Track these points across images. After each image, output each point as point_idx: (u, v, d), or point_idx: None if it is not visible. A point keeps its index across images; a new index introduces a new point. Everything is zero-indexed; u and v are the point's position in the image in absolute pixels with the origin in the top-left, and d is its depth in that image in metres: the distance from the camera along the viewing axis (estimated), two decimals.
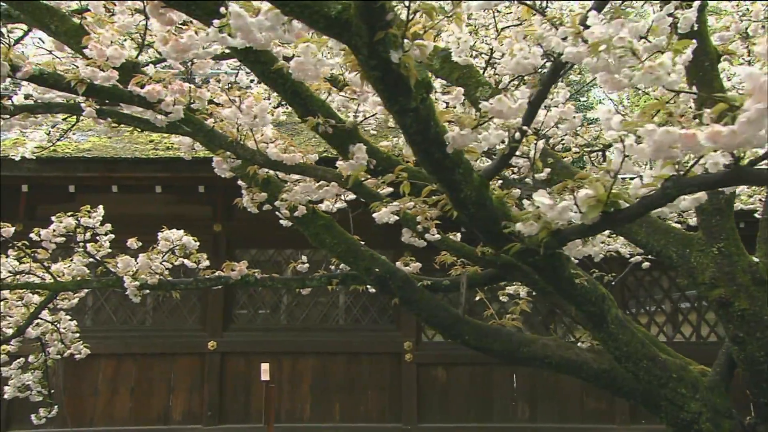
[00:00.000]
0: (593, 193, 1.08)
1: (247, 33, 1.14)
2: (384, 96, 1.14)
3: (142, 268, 2.77)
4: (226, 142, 2.15)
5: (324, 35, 1.07)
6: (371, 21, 0.98)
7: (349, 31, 1.01)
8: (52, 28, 2.33)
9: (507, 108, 1.21)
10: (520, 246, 1.41)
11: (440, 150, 1.27)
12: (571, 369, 2.59)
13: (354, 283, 2.84)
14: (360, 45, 1.02)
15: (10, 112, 2.48)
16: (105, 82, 2.01)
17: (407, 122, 1.18)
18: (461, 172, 1.36)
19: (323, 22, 1.02)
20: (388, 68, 1.06)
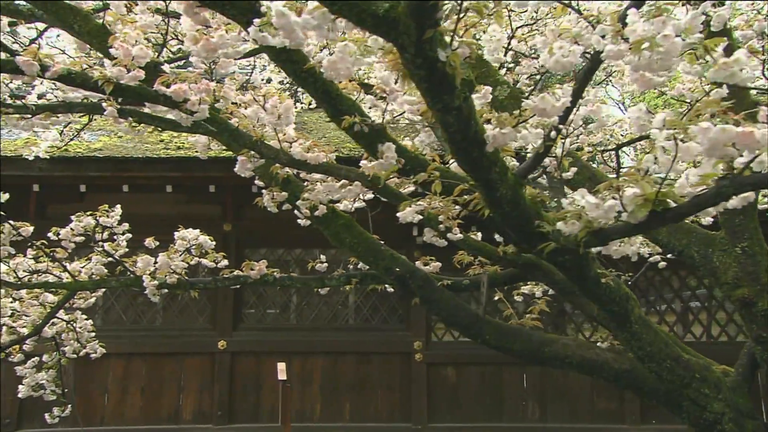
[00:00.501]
0: (641, 191, 1.08)
1: (289, 32, 1.14)
2: (427, 94, 1.14)
3: (161, 268, 2.78)
4: (250, 142, 2.15)
5: (370, 34, 1.07)
6: (421, 19, 0.98)
7: (396, 30, 1.01)
8: (75, 28, 2.33)
9: (551, 106, 1.21)
10: (554, 245, 1.41)
11: (479, 149, 1.27)
12: (592, 369, 2.58)
13: (373, 283, 2.84)
14: (407, 43, 1.02)
15: (32, 112, 2.49)
16: (131, 82, 2.02)
17: (449, 121, 1.18)
18: (498, 171, 1.36)
19: (371, 20, 1.02)
20: (434, 67, 1.06)
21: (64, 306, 3.27)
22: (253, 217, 6.28)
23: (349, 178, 2.32)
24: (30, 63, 1.82)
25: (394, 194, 2.35)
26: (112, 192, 5.77)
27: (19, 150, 5.33)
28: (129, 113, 2.53)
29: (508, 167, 1.40)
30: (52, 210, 6.07)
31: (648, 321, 2.32)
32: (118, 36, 2.04)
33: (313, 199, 2.40)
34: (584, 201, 1.15)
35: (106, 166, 5.27)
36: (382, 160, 1.72)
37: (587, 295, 2.11)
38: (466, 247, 2.48)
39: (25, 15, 2.36)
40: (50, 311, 3.20)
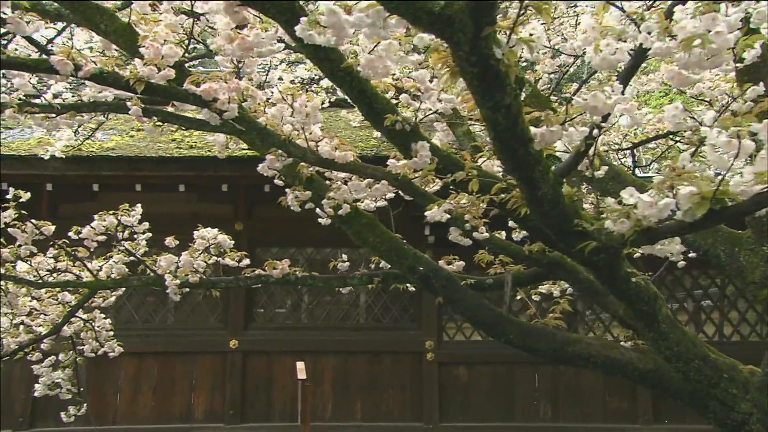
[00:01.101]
0: (697, 190, 1.07)
1: (339, 30, 1.14)
2: (479, 92, 1.13)
3: (184, 267, 2.78)
4: (279, 141, 2.15)
5: (424, 31, 1.07)
6: (479, 17, 0.97)
7: (451, 27, 1.01)
8: (101, 27, 2.33)
9: (603, 104, 1.20)
10: (594, 244, 1.41)
11: (524, 147, 1.26)
12: (616, 368, 2.57)
13: (395, 282, 2.84)
14: (462, 41, 1.02)
15: (57, 111, 2.49)
16: (161, 81, 2.02)
17: (498, 119, 1.18)
18: (541, 170, 1.35)
19: (426, 18, 1.02)
20: (487, 64, 1.06)
21: (82, 305, 3.27)
22: (264, 216, 6.29)
23: (375, 177, 2.32)
24: (64, 62, 1.82)
25: (421, 193, 2.34)
26: (124, 191, 5.77)
27: (33, 149, 5.34)
28: (153, 112, 2.53)
29: (550, 166, 1.40)
30: (64, 209, 6.08)
31: (675, 320, 2.31)
32: (148, 35, 2.04)
33: (339, 198, 2.40)
34: (636, 199, 1.14)
35: (119, 166, 5.28)
36: (416, 158, 1.72)
37: (616, 294, 2.10)
38: (491, 246, 2.47)
39: (51, 15, 2.36)
40: (70, 310, 3.20)
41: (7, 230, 2.91)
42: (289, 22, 1.51)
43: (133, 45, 2.39)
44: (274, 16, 1.47)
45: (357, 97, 1.64)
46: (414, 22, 1.05)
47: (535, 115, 1.25)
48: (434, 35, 1.07)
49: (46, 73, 1.95)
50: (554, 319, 2.75)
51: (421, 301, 6.04)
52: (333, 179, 2.70)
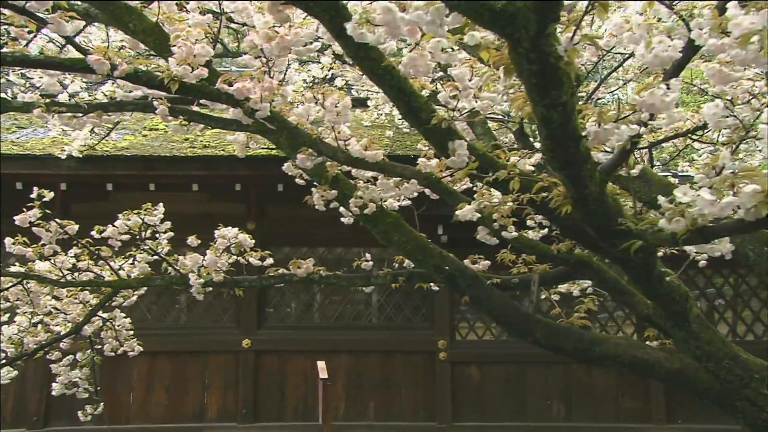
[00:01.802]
0: (761, 188, 1.07)
1: (393, 28, 1.13)
2: (535, 90, 1.13)
3: (209, 266, 2.78)
4: (310, 140, 2.15)
5: (486, 28, 1.06)
6: (544, 14, 0.97)
7: (513, 24, 1.01)
8: (130, 27, 2.33)
9: (660, 101, 1.20)
10: (640, 243, 1.40)
11: (575, 145, 1.26)
12: (643, 368, 2.57)
13: (420, 281, 2.84)
14: (523, 38, 1.02)
15: (84, 111, 2.49)
16: (194, 80, 2.02)
17: (553, 117, 1.17)
18: (588, 168, 1.35)
19: (488, 15, 1.01)
20: (547, 61, 1.05)
21: (105, 304, 3.28)
22: (276, 215, 6.29)
23: (404, 176, 2.31)
24: (101, 62, 1.82)
25: (449, 192, 2.34)
26: (136, 190, 5.77)
27: (47, 149, 5.35)
28: (180, 112, 2.53)
29: (596, 164, 1.39)
30: (76, 209, 6.08)
31: (705, 320, 2.30)
32: (181, 34, 2.04)
33: (367, 197, 2.40)
34: (692, 197, 1.14)
35: (134, 165, 5.29)
36: (454, 157, 1.71)
37: (648, 294, 2.10)
38: (519, 246, 2.47)
39: (80, 14, 2.36)
40: (92, 309, 3.21)
41: (32, 229, 2.91)
42: (332, 20, 1.51)
43: (161, 44, 2.39)
44: (317, 14, 1.47)
45: (396, 96, 1.64)
46: (475, 19, 1.04)
47: (585, 113, 1.25)
48: (494, 32, 1.06)
49: (83, 72, 1.95)
50: (579, 319, 2.75)
51: (433, 301, 6.03)
52: (357, 178, 2.70)
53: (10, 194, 5.51)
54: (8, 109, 2.48)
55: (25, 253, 3.03)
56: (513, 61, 1.09)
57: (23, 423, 5.61)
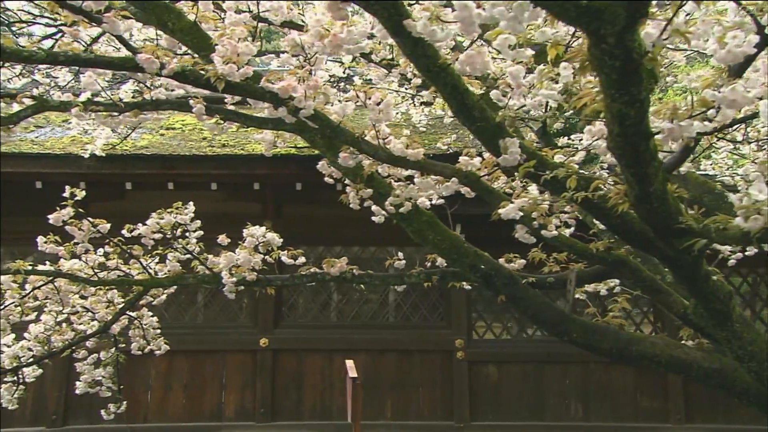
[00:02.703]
0: None
1: (468, 25, 1.13)
2: (614, 86, 1.12)
3: (243, 265, 2.78)
4: (351, 138, 2.14)
5: (569, 24, 1.06)
6: (634, 10, 0.96)
7: (599, 20, 1.00)
8: (169, 26, 2.33)
9: (741, 97, 1.19)
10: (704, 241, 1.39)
11: (646, 143, 1.25)
12: (681, 368, 2.55)
13: (453, 280, 2.83)
14: (608, 33, 1.01)
15: (121, 110, 2.49)
16: (239, 78, 2.01)
17: (630, 113, 1.16)
18: (655, 166, 1.34)
19: (574, 10, 1.01)
20: (630, 58, 1.05)
21: (135, 303, 3.28)
22: (292, 214, 6.29)
23: (444, 174, 2.31)
24: (151, 60, 1.82)
25: (489, 191, 2.33)
26: (154, 189, 5.79)
27: (67, 148, 5.37)
28: (216, 111, 2.53)
29: (661, 162, 1.38)
30: (93, 207, 6.07)
31: (748, 320, 2.29)
32: (225, 32, 2.04)
33: (405, 196, 2.39)
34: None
35: (153, 164, 5.30)
36: (506, 155, 1.70)
37: (693, 292, 2.09)
38: (558, 244, 2.46)
39: None
40: (122, 307, 3.21)
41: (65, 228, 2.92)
42: (391, 18, 1.51)
43: (200, 43, 2.39)
44: (377, 12, 1.47)
45: (449, 93, 1.63)
46: (560, 15, 1.04)
47: (658, 110, 1.24)
48: (577, 28, 1.05)
49: (132, 71, 1.95)
50: (613, 318, 2.74)
51: (450, 300, 6.03)
52: (391, 177, 2.70)
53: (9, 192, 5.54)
54: (45, 109, 2.48)
55: (28, 251, 3.03)
56: (593, 57, 1.08)
57: (42, 421, 5.63)
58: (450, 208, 2.84)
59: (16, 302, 3.13)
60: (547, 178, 1.64)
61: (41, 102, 2.47)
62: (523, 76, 1.61)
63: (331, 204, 6.14)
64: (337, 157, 2.54)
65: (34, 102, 2.45)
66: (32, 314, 3.54)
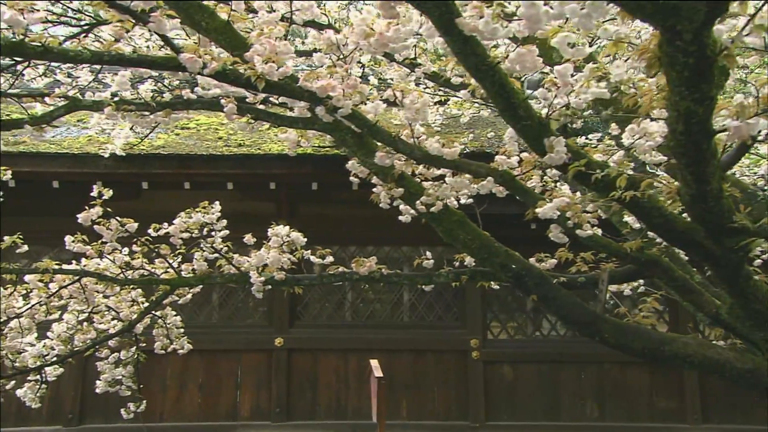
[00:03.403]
0: None
1: (535, 22, 1.12)
2: (685, 84, 1.11)
3: (272, 264, 2.78)
4: (388, 138, 2.14)
5: (645, 21, 1.05)
6: (715, 5, 0.95)
7: (677, 16, 0.99)
8: (202, 25, 2.32)
9: None
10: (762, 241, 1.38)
11: (708, 141, 1.25)
12: (714, 368, 2.54)
13: (482, 280, 2.82)
14: (685, 30, 1.00)
15: (152, 109, 2.49)
16: (279, 78, 2.01)
17: (699, 111, 1.16)
18: (714, 164, 1.33)
19: (651, 7, 1.00)
20: (705, 55, 1.04)
21: (161, 302, 3.28)
22: (307, 214, 6.29)
23: (479, 173, 2.30)
24: (194, 60, 1.82)
25: (524, 190, 2.33)
26: (170, 189, 5.80)
27: (84, 148, 5.38)
28: (247, 110, 2.53)
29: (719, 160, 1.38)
30: (108, 206, 6.11)
31: None
32: (264, 31, 2.04)
33: (439, 195, 2.39)
34: None
35: (170, 164, 5.30)
36: (552, 154, 1.70)
37: (733, 293, 2.07)
38: (592, 244, 2.45)
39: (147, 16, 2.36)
40: (147, 306, 3.22)
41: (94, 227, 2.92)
42: (442, 17, 1.50)
43: (233, 42, 2.39)
44: (428, 10, 1.46)
45: (497, 92, 1.63)
46: (635, 12, 1.03)
47: (722, 106, 1.23)
48: (652, 25, 1.05)
49: (174, 70, 1.95)
50: (644, 318, 2.73)
51: (465, 300, 6.02)
52: (419, 176, 2.69)
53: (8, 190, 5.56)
54: (78, 108, 2.48)
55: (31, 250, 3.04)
56: (664, 54, 1.07)
57: (59, 420, 5.65)
58: (478, 207, 2.84)
59: (42, 301, 3.13)
60: (598, 177, 1.63)
61: (74, 101, 2.47)
62: (570, 74, 1.60)
63: (346, 204, 6.20)
64: (368, 156, 2.54)
65: (66, 102, 2.46)
66: (56, 313, 3.56)
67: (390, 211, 5.72)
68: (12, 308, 3.19)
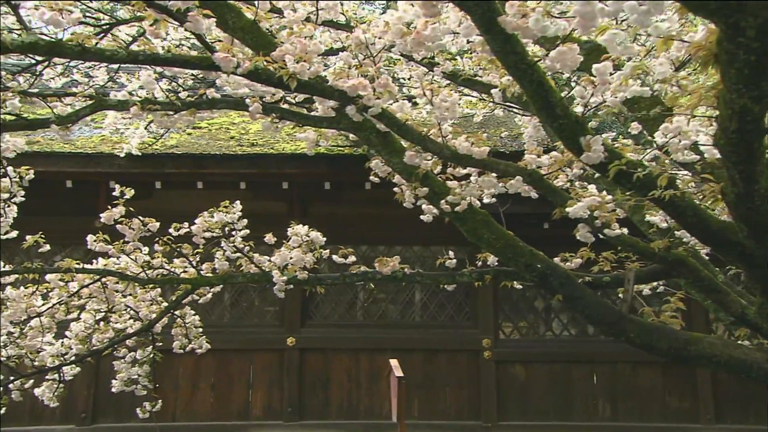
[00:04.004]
0: None
1: (588, 20, 1.11)
2: (744, 81, 1.10)
3: (295, 264, 2.78)
4: (418, 137, 2.13)
5: (706, 18, 1.04)
6: None
7: (741, 12, 0.98)
8: (229, 24, 2.32)
9: None
10: None
11: (760, 140, 1.24)
12: (740, 368, 2.53)
13: (506, 279, 2.81)
14: (748, 26, 0.99)
15: (178, 109, 2.49)
16: (311, 77, 2.01)
17: (754, 109, 1.15)
18: (765, 163, 1.33)
19: (714, 4, 0.99)
20: (766, 51, 1.03)
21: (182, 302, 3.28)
22: (318, 213, 6.29)
23: (507, 173, 2.30)
24: (228, 59, 1.81)
25: (553, 190, 2.32)
26: (183, 189, 5.81)
27: (97, 147, 5.39)
28: (272, 110, 2.53)
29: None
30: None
31: None
32: (295, 30, 2.04)
33: (466, 194, 2.38)
34: None
35: (184, 163, 5.30)
36: (589, 153, 1.69)
37: (766, 292, 2.06)
38: (620, 244, 2.44)
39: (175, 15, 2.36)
40: (168, 306, 3.22)
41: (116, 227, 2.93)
42: (484, 15, 1.50)
43: (259, 41, 2.38)
44: (470, 9, 1.46)
45: (534, 90, 1.62)
46: (695, 9, 1.02)
47: None
48: (713, 21, 1.04)
49: (207, 69, 1.94)
50: (670, 318, 2.72)
51: (476, 299, 6.02)
52: (443, 176, 2.69)
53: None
54: (103, 108, 2.48)
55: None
56: (724, 51, 1.07)
57: (72, 420, 5.66)
58: (501, 207, 2.83)
59: (64, 300, 3.14)
60: (640, 176, 1.63)
61: (99, 101, 2.47)
62: (610, 72, 1.60)
63: (357, 204, 6.20)
64: (393, 156, 2.53)
65: (92, 101, 2.46)
66: (75, 312, 3.56)
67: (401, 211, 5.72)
68: (33, 307, 3.19)
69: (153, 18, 1.74)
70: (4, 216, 2.89)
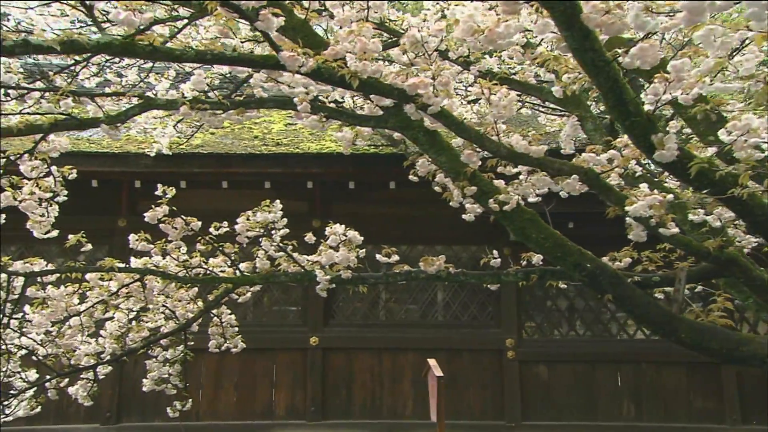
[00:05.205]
0: None
1: (697, 14, 1.10)
2: None
3: (342, 262, 2.77)
4: (476, 135, 2.12)
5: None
6: None
7: None
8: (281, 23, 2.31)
9: None
10: None
11: None
12: None
13: (552, 279, 2.80)
14: None
15: (226, 108, 2.49)
16: (367, 75, 2.00)
17: None
18: None
19: None
20: None
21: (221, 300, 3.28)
22: (341, 213, 6.28)
23: (563, 172, 2.28)
24: (294, 58, 1.81)
25: (608, 189, 2.30)
26: (207, 188, 5.82)
27: (123, 147, 5.39)
28: (320, 109, 2.52)
29: None
30: (143, 206, 6.10)
31: None
32: (354, 29, 2.02)
33: (520, 192, 2.37)
34: None
35: (209, 163, 5.31)
36: (663, 151, 1.68)
37: None
38: (673, 243, 2.42)
39: None
40: (207, 305, 3.22)
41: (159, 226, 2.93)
42: (565, 13, 1.48)
43: (310, 40, 2.37)
44: (552, 7, 1.44)
45: (609, 87, 1.61)
46: None
47: None
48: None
49: (272, 69, 1.94)
50: (720, 318, 2.69)
51: (500, 299, 6.00)
52: (489, 175, 2.67)
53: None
54: (151, 107, 2.48)
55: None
56: None
57: (97, 419, 5.67)
58: (546, 206, 2.82)
59: (104, 298, 3.14)
60: (722, 174, 1.61)
61: (148, 100, 2.47)
62: (688, 69, 1.58)
63: (379, 203, 6.18)
64: (439, 154, 2.52)
65: (140, 101, 2.45)
66: (112, 311, 3.57)
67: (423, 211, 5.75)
68: (72, 306, 3.20)
69: (222, 17, 1.73)
70: (46, 215, 2.89)
